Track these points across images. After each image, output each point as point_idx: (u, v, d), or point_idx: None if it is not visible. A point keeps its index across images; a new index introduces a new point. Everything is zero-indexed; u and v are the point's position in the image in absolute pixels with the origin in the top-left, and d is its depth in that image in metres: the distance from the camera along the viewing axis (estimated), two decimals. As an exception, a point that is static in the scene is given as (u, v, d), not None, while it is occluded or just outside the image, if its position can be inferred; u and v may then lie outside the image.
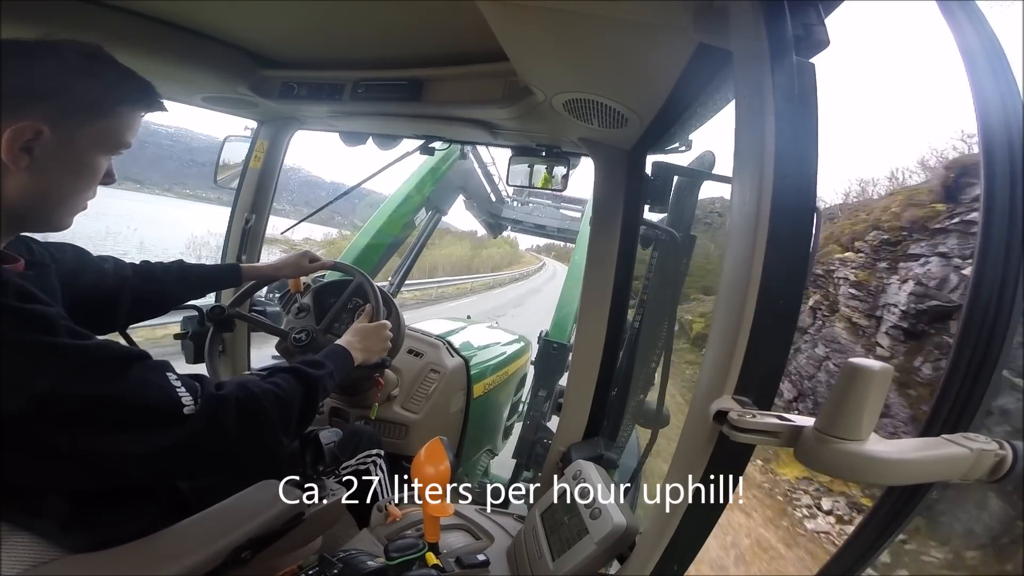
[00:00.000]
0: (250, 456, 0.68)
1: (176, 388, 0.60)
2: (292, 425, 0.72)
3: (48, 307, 0.54)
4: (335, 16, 1.00)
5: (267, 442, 0.68)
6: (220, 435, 0.62)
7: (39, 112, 0.58)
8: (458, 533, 0.98)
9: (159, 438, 0.57)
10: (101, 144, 0.65)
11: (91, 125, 0.63)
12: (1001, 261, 0.48)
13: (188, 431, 0.58)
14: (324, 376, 0.81)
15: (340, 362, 0.92)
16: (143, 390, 0.57)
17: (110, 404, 0.54)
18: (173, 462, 0.60)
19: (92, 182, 0.66)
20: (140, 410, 0.56)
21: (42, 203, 0.62)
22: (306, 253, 1.35)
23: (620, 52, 0.72)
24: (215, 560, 0.68)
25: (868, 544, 0.59)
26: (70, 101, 0.61)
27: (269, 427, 0.68)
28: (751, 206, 0.47)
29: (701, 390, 0.51)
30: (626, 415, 1.37)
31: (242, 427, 0.64)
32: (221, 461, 0.65)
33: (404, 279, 2.92)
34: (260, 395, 0.68)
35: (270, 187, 1.74)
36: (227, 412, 0.63)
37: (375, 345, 1.06)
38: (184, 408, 0.59)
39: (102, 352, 0.56)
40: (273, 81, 1.33)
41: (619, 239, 1.20)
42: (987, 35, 0.49)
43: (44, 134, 0.58)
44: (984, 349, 0.49)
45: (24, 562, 0.58)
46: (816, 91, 0.47)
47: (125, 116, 0.66)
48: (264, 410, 0.67)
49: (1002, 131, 0.47)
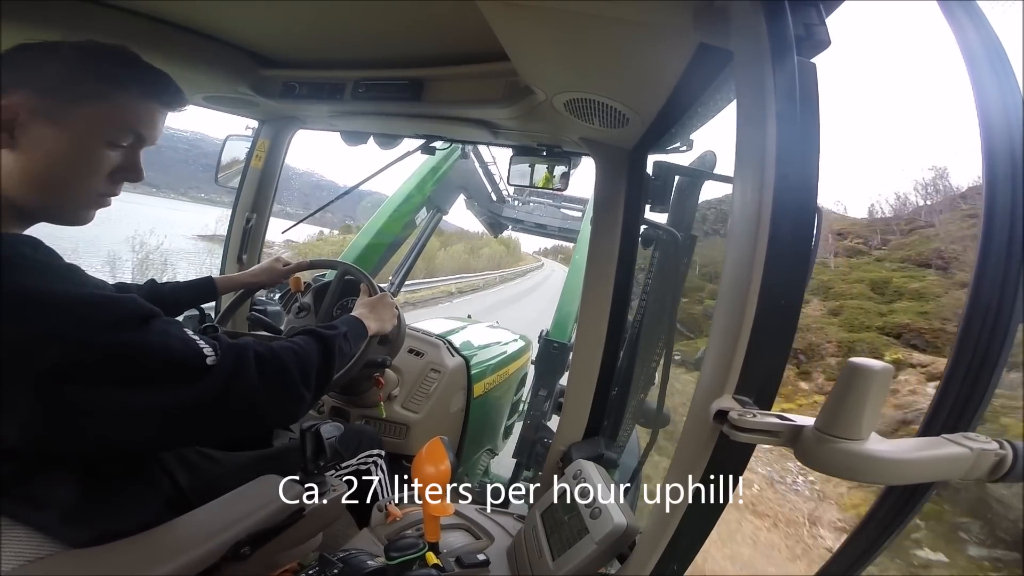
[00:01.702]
0: (273, 410, 0.68)
1: (196, 340, 0.60)
2: (312, 380, 0.73)
3: (73, 265, 0.56)
4: (336, 16, 1.00)
5: (290, 395, 0.69)
6: (244, 384, 0.62)
7: (21, 92, 0.58)
8: (458, 533, 0.98)
9: (185, 391, 0.57)
10: (98, 128, 0.63)
11: (84, 107, 0.62)
12: (1001, 261, 0.48)
13: (212, 382, 0.59)
14: (338, 336, 0.82)
15: (353, 327, 0.93)
16: (169, 342, 0.57)
17: (139, 356, 0.55)
18: (198, 417, 0.60)
19: (93, 171, 0.64)
20: (167, 361, 0.56)
21: (41, 190, 0.61)
22: (279, 258, 1.38)
23: (621, 52, 0.72)
24: (215, 555, 0.68)
25: (868, 544, 0.59)
26: (55, 80, 0.60)
27: (290, 378, 0.69)
28: (752, 206, 0.47)
29: (701, 390, 0.51)
30: (626, 415, 1.37)
31: (263, 378, 0.64)
32: (245, 416, 0.65)
33: (405, 279, 2.92)
34: (278, 349, 0.70)
35: (271, 186, 1.74)
36: (247, 362, 0.63)
37: (384, 313, 1.08)
38: (207, 359, 0.59)
39: (130, 304, 0.56)
40: (274, 81, 1.33)
41: (620, 239, 1.20)
42: (988, 35, 0.49)
43: (21, 114, 0.58)
44: (984, 349, 0.49)
45: (23, 556, 0.58)
46: (817, 91, 0.47)
47: (131, 105, 0.66)
48: (284, 362, 0.68)
49: (1003, 131, 0.47)
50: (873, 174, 50.11)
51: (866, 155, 77.30)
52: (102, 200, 0.68)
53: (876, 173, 53.14)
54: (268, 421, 0.69)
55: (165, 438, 0.62)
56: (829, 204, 15.73)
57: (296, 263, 1.38)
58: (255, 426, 0.69)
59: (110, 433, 0.56)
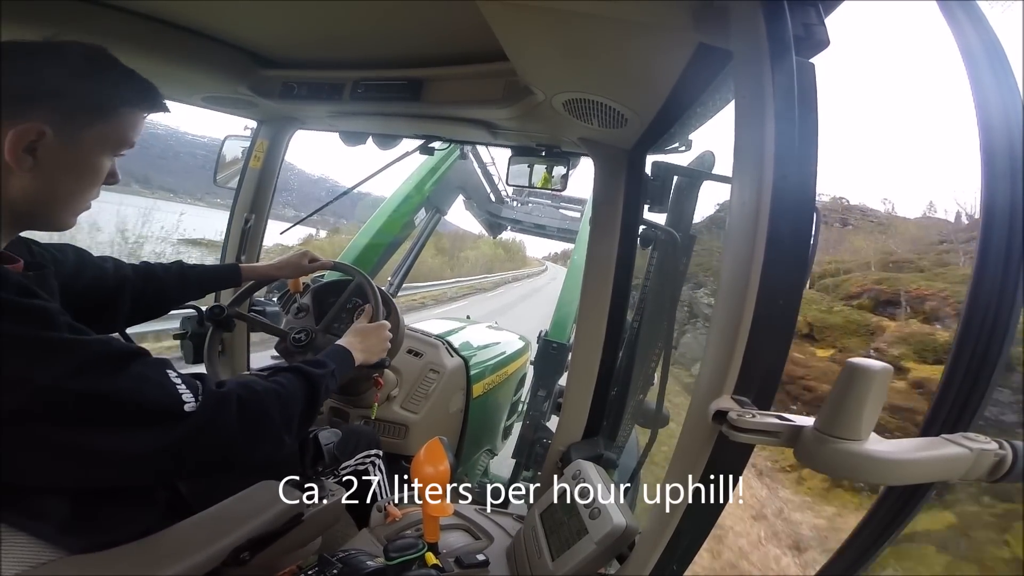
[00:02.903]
0: (251, 455, 0.67)
1: (176, 385, 0.59)
2: (294, 424, 0.72)
3: (48, 303, 0.54)
4: (335, 16, 1.00)
5: (269, 441, 0.68)
6: (222, 433, 0.61)
7: (42, 113, 0.58)
8: (458, 533, 0.98)
9: (159, 436, 0.56)
10: (104, 145, 0.65)
11: (94, 126, 0.63)
12: (1001, 261, 0.48)
13: (189, 428, 0.58)
14: (326, 375, 0.81)
15: (341, 362, 0.91)
16: (144, 387, 0.56)
17: (110, 401, 0.54)
18: (173, 461, 0.59)
19: (95, 182, 0.67)
20: (140, 407, 0.55)
21: (45, 203, 0.62)
22: (305, 253, 1.35)
23: (620, 52, 0.72)
24: (214, 561, 0.68)
25: (868, 544, 0.59)
26: (74, 102, 0.61)
27: (271, 426, 0.67)
28: (751, 206, 0.47)
29: (700, 390, 0.51)
30: (626, 415, 1.37)
31: (244, 425, 0.63)
32: (222, 460, 0.64)
33: (404, 279, 2.92)
34: (262, 393, 0.68)
35: (270, 187, 1.74)
36: (229, 410, 0.62)
37: (375, 345, 1.05)
38: (185, 405, 0.58)
39: (102, 348, 0.55)
40: (273, 81, 1.33)
41: (619, 239, 1.20)
42: (988, 35, 0.49)
43: (47, 135, 0.58)
44: (984, 349, 0.49)
45: (23, 563, 0.58)
46: (816, 91, 0.47)
47: (128, 117, 0.67)
48: (266, 408, 0.67)
49: (1002, 131, 0.47)
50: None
51: (863, 155, 77.40)
52: (89, 206, 0.69)
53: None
54: (245, 464, 0.68)
55: (140, 477, 0.61)
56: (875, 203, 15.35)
57: (321, 261, 1.36)
58: (229, 469, 0.67)
59: (82, 472, 0.55)
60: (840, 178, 39.06)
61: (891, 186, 37.82)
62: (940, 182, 18.90)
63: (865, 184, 38.53)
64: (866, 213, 13.14)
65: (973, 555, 3.69)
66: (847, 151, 66.35)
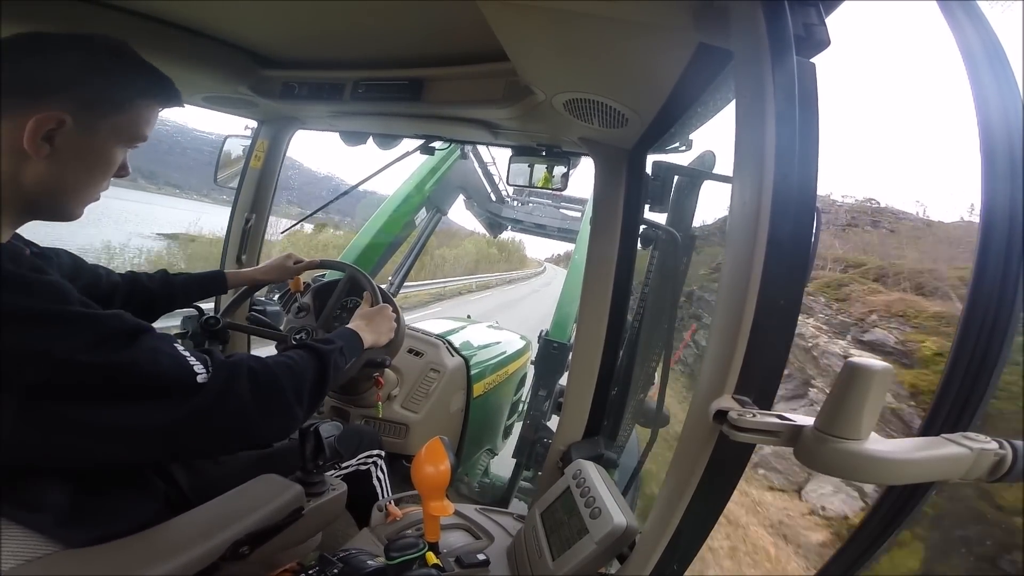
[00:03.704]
0: (264, 428, 0.67)
1: (186, 357, 0.59)
2: (305, 397, 0.72)
3: (61, 279, 0.55)
4: (335, 16, 1.00)
5: (281, 414, 0.68)
6: (234, 404, 0.61)
7: (63, 103, 0.59)
8: (458, 533, 0.98)
9: (173, 409, 0.57)
10: (120, 137, 0.65)
11: (111, 117, 0.64)
12: (1001, 261, 0.48)
13: (202, 400, 0.58)
14: (334, 351, 0.81)
15: (349, 340, 0.92)
16: (156, 359, 0.56)
17: (124, 373, 0.54)
18: (186, 435, 0.59)
19: (107, 173, 0.67)
20: (154, 380, 0.56)
21: (57, 192, 0.63)
22: (290, 255, 1.36)
23: (620, 52, 0.72)
24: (214, 554, 0.68)
25: (868, 544, 0.59)
26: (93, 93, 0.62)
27: (284, 397, 0.67)
28: (751, 206, 0.47)
29: (701, 390, 0.51)
30: (626, 415, 1.37)
31: (256, 396, 0.63)
32: (235, 434, 0.64)
33: (404, 279, 2.92)
34: (273, 365, 0.68)
35: (270, 186, 1.74)
36: (240, 380, 0.62)
37: (381, 325, 1.06)
38: (197, 377, 0.58)
39: (116, 322, 0.56)
40: (273, 81, 1.33)
41: (619, 239, 1.20)
42: (988, 35, 0.49)
43: (66, 124, 0.59)
44: (984, 349, 0.49)
45: (20, 556, 0.57)
46: (817, 91, 0.47)
47: (144, 110, 0.67)
48: (278, 379, 0.67)
49: (1002, 131, 0.47)
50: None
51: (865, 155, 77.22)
52: (98, 197, 0.70)
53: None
54: (259, 438, 0.68)
55: (153, 453, 0.61)
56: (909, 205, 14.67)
57: (307, 262, 1.37)
58: (245, 443, 0.67)
59: (96, 448, 0.55)
60: (840, 179, 39.00)
61: (901, 187, 37.22)
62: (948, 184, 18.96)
63: (873, 184, 38.31)
64: (898, 216, 12.85)
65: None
66: (864, 152, 66.20)
